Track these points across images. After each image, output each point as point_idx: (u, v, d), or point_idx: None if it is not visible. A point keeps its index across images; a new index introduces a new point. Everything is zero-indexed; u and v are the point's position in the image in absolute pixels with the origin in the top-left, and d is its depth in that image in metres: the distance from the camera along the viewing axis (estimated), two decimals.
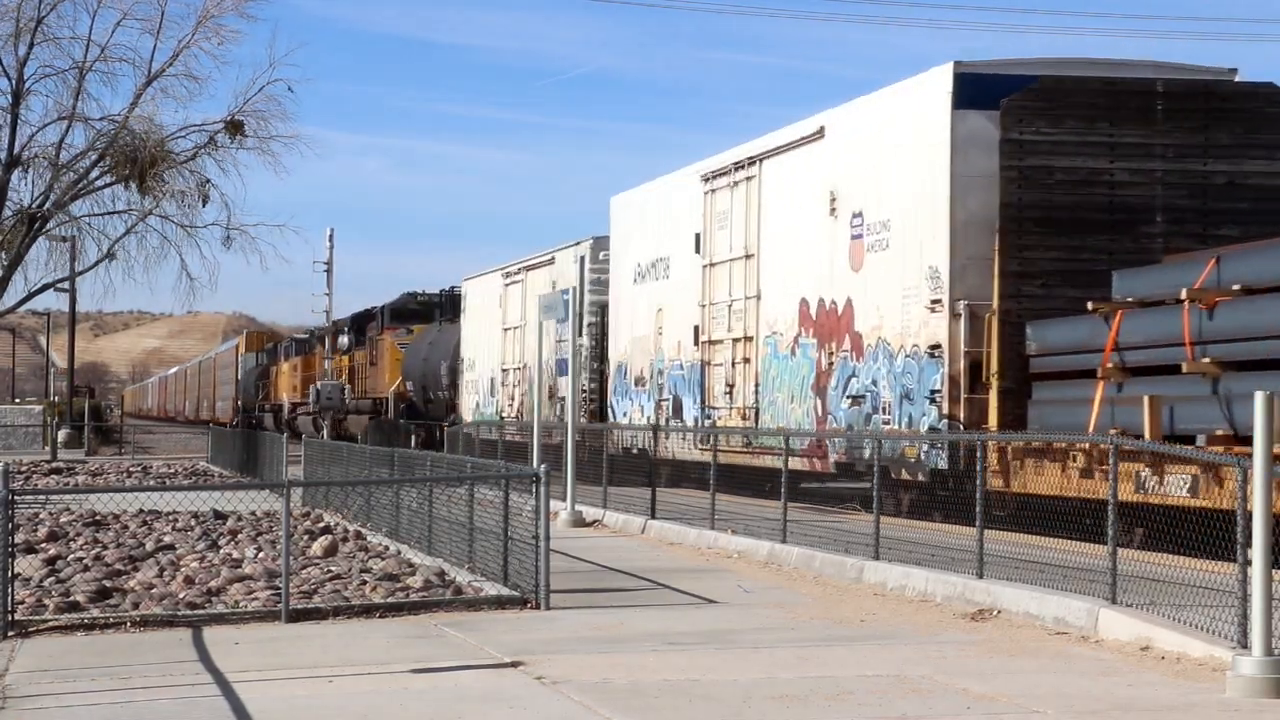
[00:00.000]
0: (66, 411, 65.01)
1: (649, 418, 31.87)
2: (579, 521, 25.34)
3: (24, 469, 41.41)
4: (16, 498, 15.61)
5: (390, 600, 15.53)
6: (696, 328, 29.94)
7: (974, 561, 15.49)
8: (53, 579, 17.38)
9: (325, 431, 59.67)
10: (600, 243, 36.03)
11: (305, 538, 21.48)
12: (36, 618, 14.62)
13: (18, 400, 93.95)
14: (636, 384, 33.41)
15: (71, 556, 19.64)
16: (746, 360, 28.24)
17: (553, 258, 38.61)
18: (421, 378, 50.94)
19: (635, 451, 31.52)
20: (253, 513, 24.77)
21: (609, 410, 35.06)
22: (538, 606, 15.15)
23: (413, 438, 41.96)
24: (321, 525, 23.60)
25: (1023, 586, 14.67)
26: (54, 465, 45.60)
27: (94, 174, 43.14)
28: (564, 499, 25.50)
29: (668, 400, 31.57)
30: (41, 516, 24.96)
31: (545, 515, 15.37)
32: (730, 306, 28.95)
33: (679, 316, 31.16)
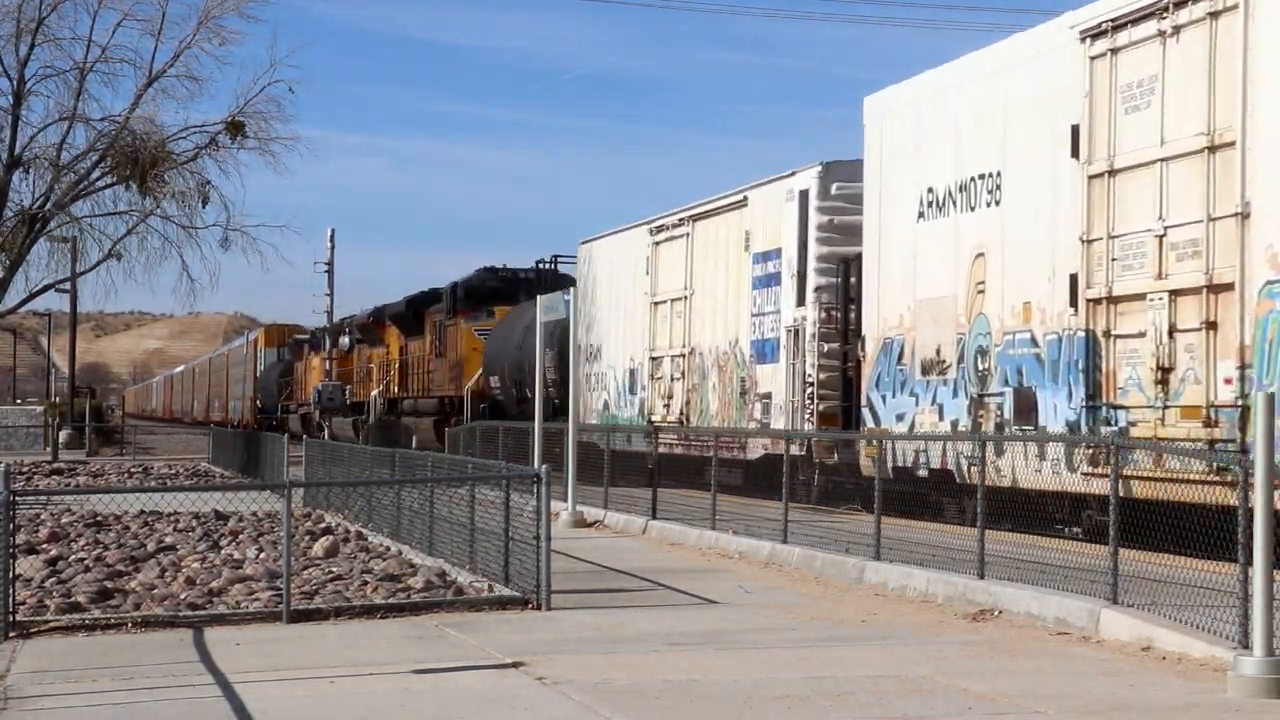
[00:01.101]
0: (67, 412, 65.01)
1: (956, 422, 21.92)
2: (580, 522, 25.35)
3: (25, 470, 41.41)
4: (18, 498, 15.62)
5: (391, 601, 15.53)
6: (1074, 278, 19.37)
7: (975, 562, 15.49)
8: (54, 580, 17.38)
9: (327, 432, 59.66)
10: (836, 170, 26.31)
11: (306, 538, 21.48)
12: (38, 618, 14.62)
13: (19, 401, 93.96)
14: (927, 370, 22.88)
15: (73, 557, 19.65)
16: (1210, 325, 17.19)
17: (744, 198, 29.01)
18: (515, 372, 40.97)
19: (924, 472, 22.23)
20: (254, 513, 24.77)
21: (866, 410, 24.60)
22: (539, 607, 15.15)
23: (500, 446, 31.71)
24: (323, 526, 23.60)
25: (1024, 587, 14.67)
26: (55, 466, 45.60)
27: (95, 174, 43.14)
28: (565, 499, 25.50)
29: (1001, 396, 20.93)
30: (43, 517, 24.96)
31: (546, 516, 15.37)
32: (1163, 239, 17.98)
33: (1025, 259, 20.58)
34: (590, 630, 14.00)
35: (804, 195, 26.73)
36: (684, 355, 31.44)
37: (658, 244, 33.08)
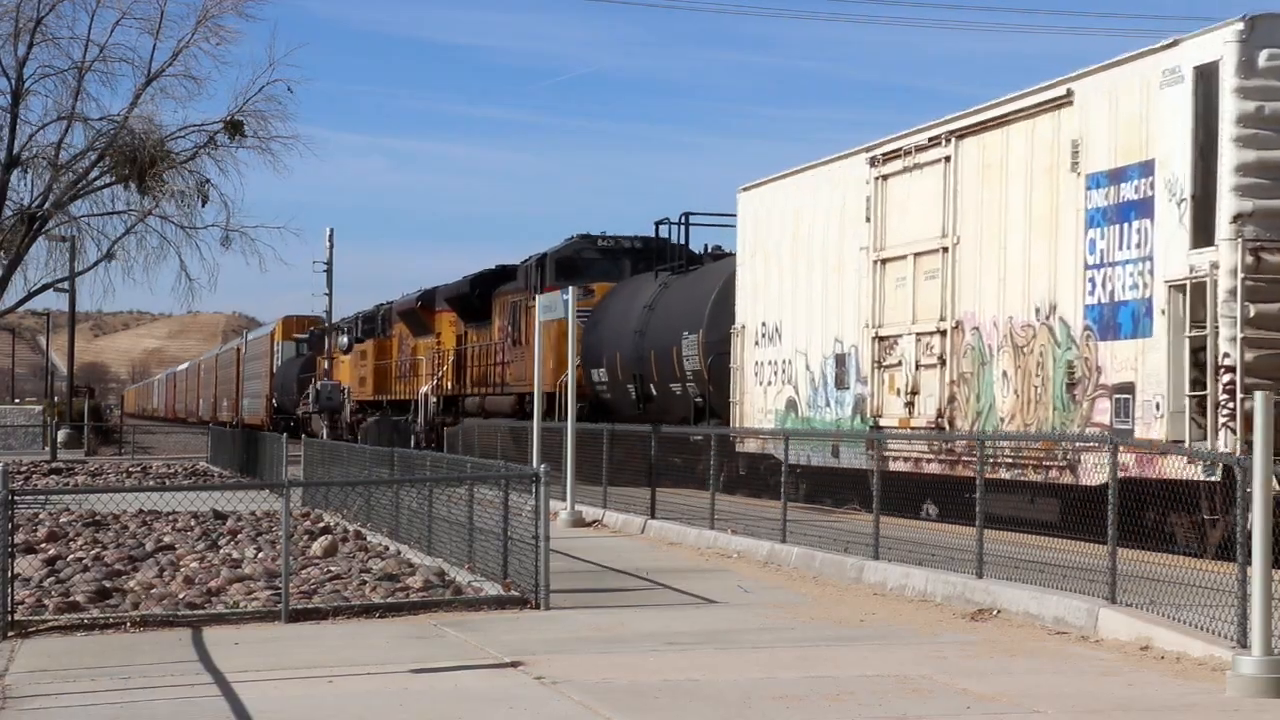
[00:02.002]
0: (66, 412, 64.99)
1: None
2: (579, 521, 25.35)
3: (24, 469, 41.43)
4: (16, 498, 15.62)
5: (390, 600, 15.53)
6: None
7: (973, 561, 15.49)
8: (52, 579, 17.38)
9: (325, 431, 59.50)
10: (1267, 29, 17.57)
11: (305, 538, 21.49)
12: (36, 618, 14.62)
13: (17, 400, 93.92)
14: None
15: (71, 557, 19.64)
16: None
17: (1066, 92, 20.25)
18: (633, 363, 33.25)
19: None
20: (252, 513, 24.78)
21: None
22: (537, 606, 15.15)
23: (605, 458, 26.91)
24: (321, 525, 23.60)
25: (1022, 586, 14.67)
26: (54, 465, 45.59)
27: (93, 174, 43.06)
28: (564, 499, 25.49)
29: None
30: (41, 517, 24.96)
31: (545, 515, 15.37)
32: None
33: None
34: (589, 630, 14.00)
35: (1205, 74, 17.89)
36: (940, 333, 22.67)
37: (885, 178, 24.26)
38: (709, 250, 35.88)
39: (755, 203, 28.80)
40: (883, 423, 23.73)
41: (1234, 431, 16.68)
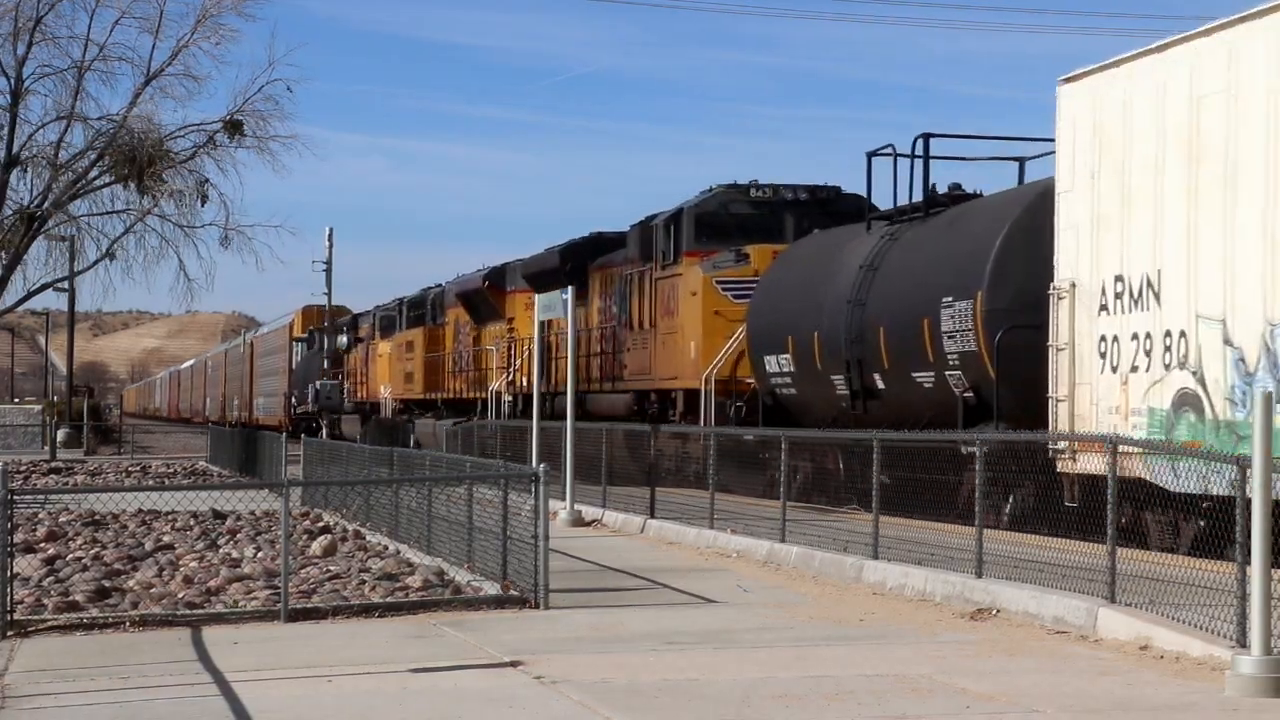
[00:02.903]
0: (65, 411, 64.99)
1: None
2: (578, 521, 25.35)
3: (23, 469, 41.46)
4: (15, 497, 15.61)
5: (389, 600, 15.53)
6: None
7: (973, 561, 15.48)
8: (52, 579, 17.38)
9: (324, 431, 59.37)
10: None
11: (304, 537, 21.49)
12: (35, 617, 14.62)
13: (17, 400, 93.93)
14: None
15: (70, 556, 19.65)
16: None
17: None
18: (844, 344, 24.97)
19: None
20: (252, 512, 24.79)
21: None
22: (537, 606, 15.15)
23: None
24: (321, 525, 23.61)
25: (1022, 586, 14.66)
26: (53, 465, 45.62)
27: (93, 173, 43.07)
28: (563, 498, 25.49)
29: None
30: (40, 516, 24.96)
31: (544, 515, 15.37)
32: None
33: None
34: (588, 629, 14.00)
35: None
36: None
37: None
38: (930, 193, 25.49)
39: (1097, 97, 19.21)
40: None
41: None
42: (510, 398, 40.83)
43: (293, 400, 69.67)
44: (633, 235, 33.85)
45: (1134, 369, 18.28)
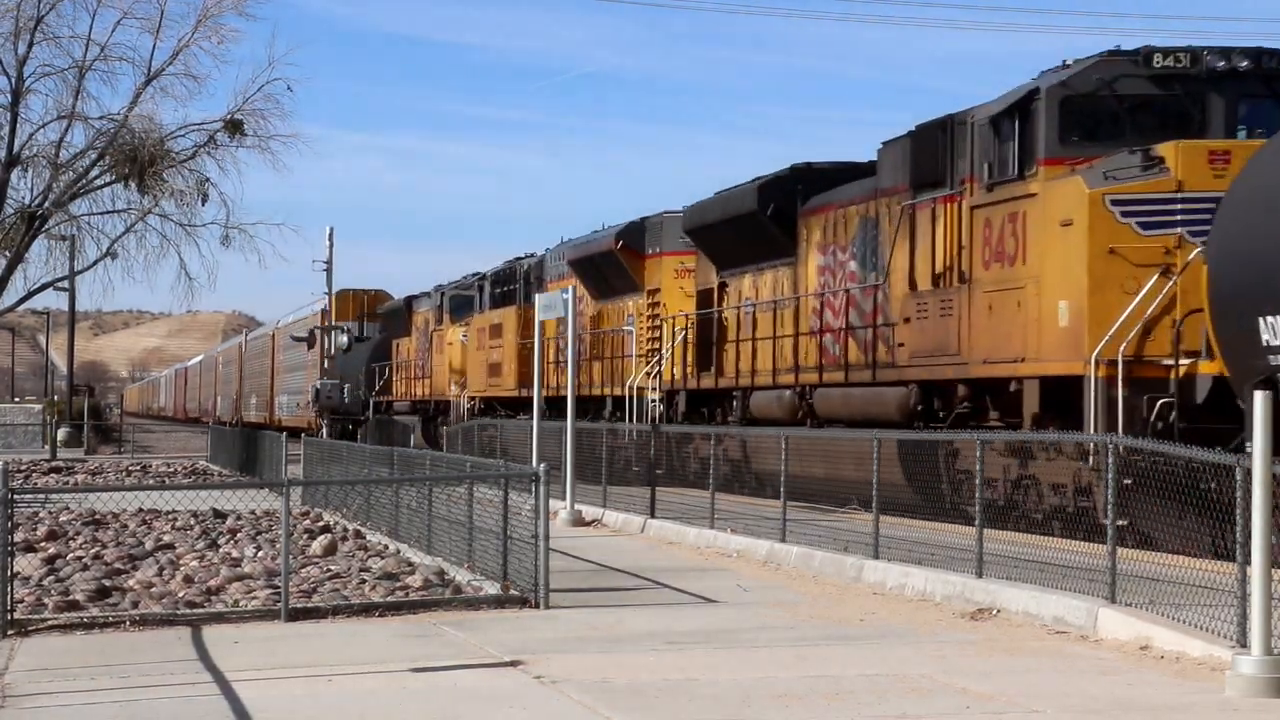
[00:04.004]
0: (66, 411, 65.00)
1: None
2: (578, 521, 25.35)
3: (23, 468, 41.45)
4: (16, 496, 15.62)
5: (390, 599, 15.53)
6: None
7: (973, 561, 15.48)
8: (52, 578, 17.39)
9: (324, 431, 58.96)
10: None
11: (305, 537, 21.50)
12: (36, 617, 14.62)
13: (17, 400, 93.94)
14: None
15: (71, 555, 19.65)
16: None
17: None
18: None
19: None
20: (252, 512, 24.79)
21: None
22: (537, 606, 15.15)
23: None
24: (321, 524, 23.62)
25: (1022, 586, 14.66)
26: (53, 464, 45.62)
27: (94, 173, 43.05)
28: (563, 498, 25.49)
29: None
30: (41, 515, 24.97)
31: (545, 514, 15.37)
32: None
33: None
34: (588, 629, 14.00)
35: None
36: None
37: None
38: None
39: None
40: None
41: None
42: (657, 395, 32.02)
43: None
44: (893, 153, 23.95)
45: None
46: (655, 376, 32.56)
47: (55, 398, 74.17)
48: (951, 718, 10.20)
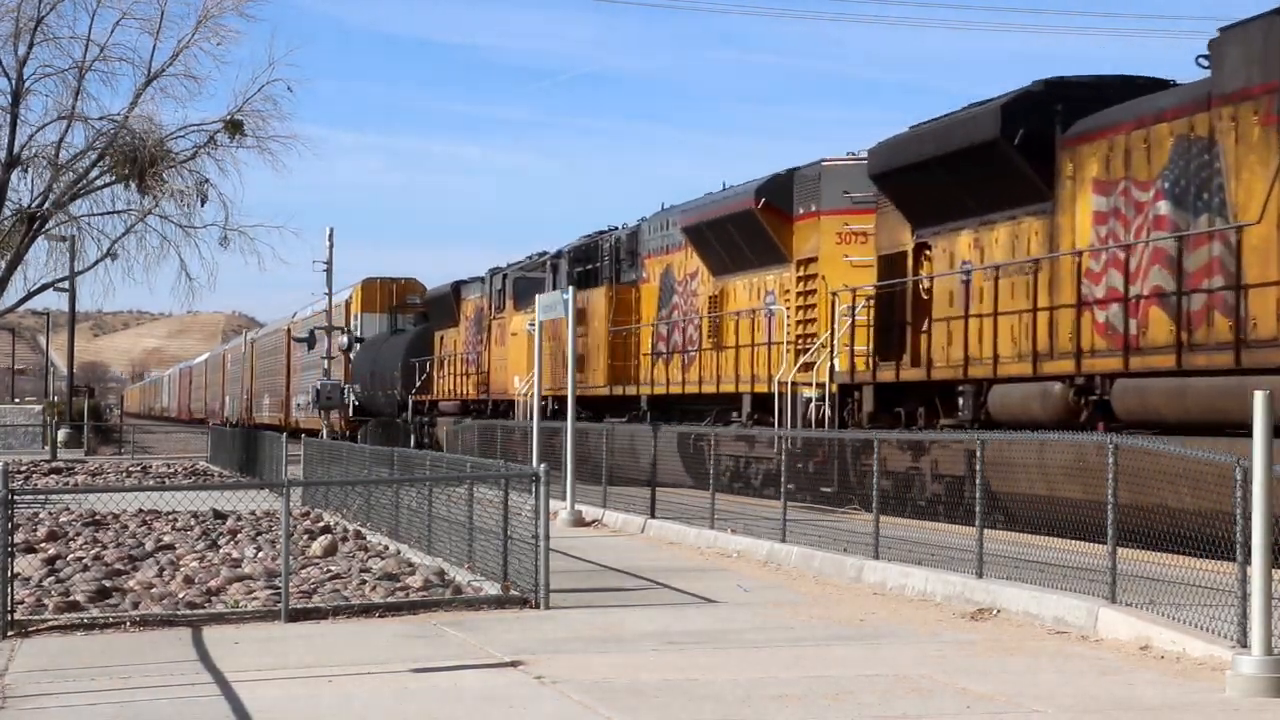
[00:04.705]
0: (66, 411, 64.98)
1: None
2: (579, 521, 25.35)
3: (24, 469, 41.45)
4: (16, 497, 15.61)
5: (390, 600, 15.53)
6: None
7: (973, 561, 15.48)
8: (52, 579, 17.38)
9: (325, 431, 58.57)
10: None
11: (305, 537, 21.50)
12: (36, 617, 14.62)
13: (17, 400, 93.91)
14: None
15: (71, 556, 19.65)
16: None
17: None
18: None
19: None
20: (252, 512, 24.80)
21: None
22: (537, 606, 15.15)
23: None
24: (321, 525, 23.61)
25: (1022, 586, 14.66)
26: (53, 465, 45.61)
27: (93, 174, 43.06)
28: (564, 499, 25.49)
29: None
30: (41, 516, 24.96)
31: (545, 515, 15.37)
32: None
33: None
34: (588, 629, 14.00)
35: None
36: None
37: None
38: None
39: None
40: None
41: None
42: (818, 395, 26.13)
43: (351, 397, 57.38)
44: (1245, 42, 17.51)
45: None
46: (812, 368, 26.70)
47: (55, 398, 74.15)
48: (952, 718, 10.20)
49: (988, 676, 11.49)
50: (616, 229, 37.04)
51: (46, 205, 42.57)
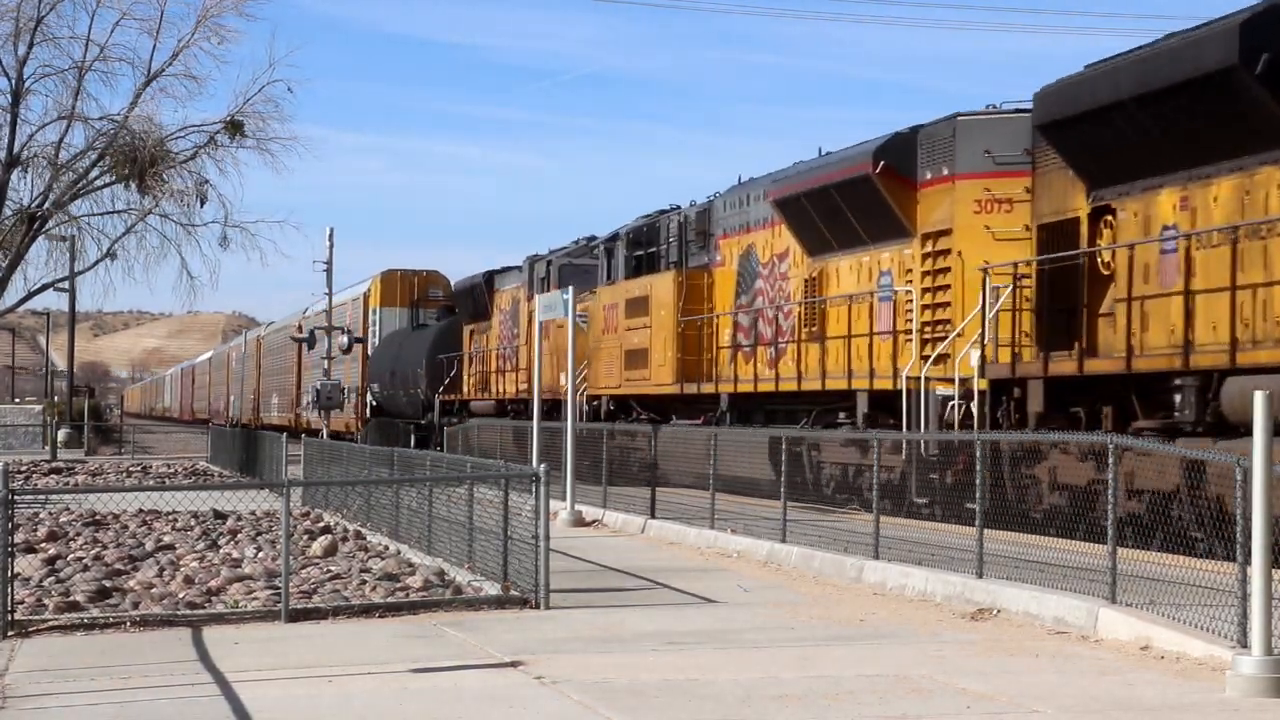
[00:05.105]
0: (66, 411, 64.99)
1: None
2: (579, 521, 25.34)
3: (24, 469, 41.46)
4: (16, 497, 15.62)
5: (390, 600, 15.53)
6: None
7: (974, 561, 15.48)
8: (52, 579, 17.38)
9: (325, 431, 58.34)
10: None
11: (305, 537, 21.50)
12: (36, 617, 14.62)
13: (17, 400, 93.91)
14: None
15: (71, 556, 19.65)
16: None
17: None
18: None
19: None
20: (252, 512, 24.80)
21: None
22: (537, 606, 15.15)
23: None
24: (321, 525, 23.61)
25: (1022, 586, 14.66)
26: (54, 465, 45.61)
27: (93, 174, 43.11)
28: (564, 499, 25.48)
29: None
30: (41, 516, 24.97)
31: (545, 515, 15.37)
32: None
33: None
34: (589, 629, 14.00)
35: None
36: None
37: None
38: None
39: None
40: None
41: None
42: (961, 392, 22.16)
43: (370, 398, 54.60)
44: None
45: None
46: (945, 361, 22.88)
47: (55, 398, 74.13)
48: (951, 718, 10.20)
49: (988, 676, 11.49)
50: (679, 207, 33.74)
51: (46, 205, 42.59)
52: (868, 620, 14.51)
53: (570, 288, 26.63)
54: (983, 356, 21.52)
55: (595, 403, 34.94)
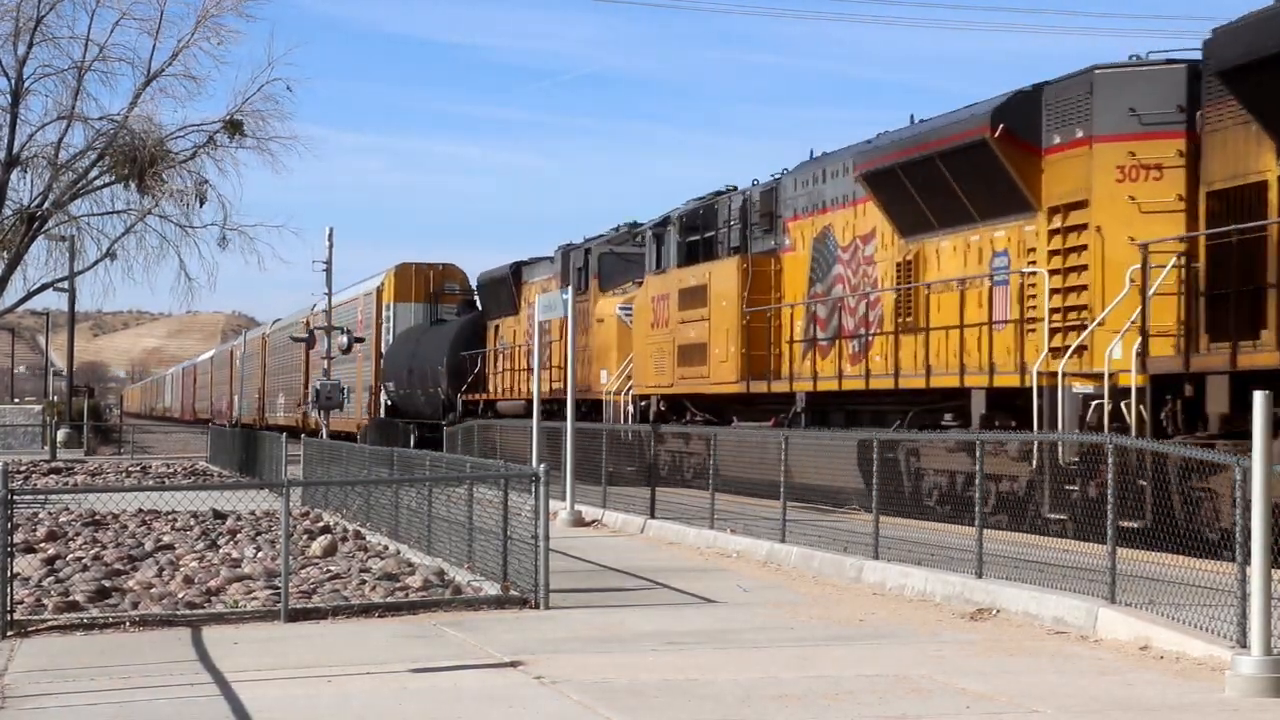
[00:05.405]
0: (66, 411, 64.97)
1: None
2: (578, 521, 25.34)
3: (23, 468, 41.44)
4: (15, 497, 15.61)
5: (389, 600, 15.53)
6: None
7: (973, 561, 15.48)
8: (52, 579, 17.38)
9: (324, 431, 58.07)
10: None
11: (305, 537, 21.49)
12: (36, 617, 14.61)
13: (17, 400, 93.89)
14: None
15: (70, 556, 19.64)
16: None
17: None
18: None
19: None
20: (252, 512, 24.79)
21: None
22: (537, 606, 15.15)
23: None
24: (321, 525, 23.60)
25: (1022, 586, 14.66)
26: (53, 465, 45.59)
27: (93, 174, 43.09)
28: (563, 499, 25.48)
29: None
30: (40, 516, 24.96)
31: (545, 515, 15.37)
32: None
33: None
34: (588, 629, 14.00)
35: None
36: None
37: None
38: None
39: None
40: None
41: None
42: (1108, 395, 18.98)
43: (383, 397, 52.21)
44: None
45: None
46: (1083, 354, 19.81)
47: (55, 398, 74.10)
48: (951, 718, 10.19)
49: (987, 676, 11.49)
50: (736, 188, 30.50)
51: (46, 205, 42.58)
52: (867, 620, 14.51)
53: (569, 287, 26.60)
54: (1144, 347, 18.40)
55: (644, 403, 32.19)
